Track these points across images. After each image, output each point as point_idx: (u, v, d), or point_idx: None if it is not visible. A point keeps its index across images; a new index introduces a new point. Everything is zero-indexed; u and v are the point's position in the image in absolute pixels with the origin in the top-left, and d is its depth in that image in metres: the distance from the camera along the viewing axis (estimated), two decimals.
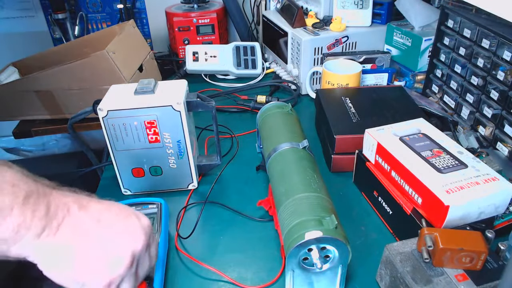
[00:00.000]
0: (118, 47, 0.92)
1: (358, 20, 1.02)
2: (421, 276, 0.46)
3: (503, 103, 0.71)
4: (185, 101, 0.64)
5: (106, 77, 0.91)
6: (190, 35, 1.21)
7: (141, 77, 1.00)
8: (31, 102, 0.98)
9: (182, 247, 0.61)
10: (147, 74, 1.04)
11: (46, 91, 0.95)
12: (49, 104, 0.98)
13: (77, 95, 0.95)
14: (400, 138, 0.61)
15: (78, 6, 1.32)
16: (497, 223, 0.56)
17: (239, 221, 0.65)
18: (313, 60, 1.00)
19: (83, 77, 0.92)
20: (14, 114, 1.01)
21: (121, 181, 0.70)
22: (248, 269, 0.57)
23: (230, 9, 1.27)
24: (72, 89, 0.94)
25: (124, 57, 0.93)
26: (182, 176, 0.70)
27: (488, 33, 0.72)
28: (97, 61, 0.89)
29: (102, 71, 0.90)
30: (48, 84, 0.94)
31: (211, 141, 0.86)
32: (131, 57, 0.99)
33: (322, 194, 0.52)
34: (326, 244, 0.46)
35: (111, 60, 0.89)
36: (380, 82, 0.98)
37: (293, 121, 0.68)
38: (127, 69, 0.94)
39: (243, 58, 1.13)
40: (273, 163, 0.60)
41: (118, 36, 0.95)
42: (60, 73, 0.92)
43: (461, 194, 0.50)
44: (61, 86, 0.94)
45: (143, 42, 1.07)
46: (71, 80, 0.93)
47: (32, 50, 1.14)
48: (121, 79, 0.91)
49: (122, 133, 0.64)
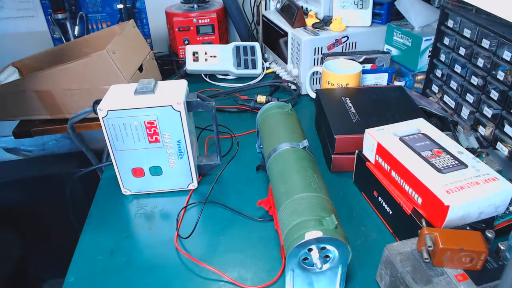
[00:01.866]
0: (118, 47, 0.92)
1: (358, 20, 1.02)
2: (421, 276, 0.46)
3: (503, 103, 0.71)
4: (185, 101, 0.64)
5: (106, 77, 0.91)
6: (190, 35, 1.21)
7: (141, 77, 1.00)
8: (31, 102, 0.98)
9: (182, 247, 0.61)
10: (147, 74, 1.04)
11: (46, 91, 0.95)
12: (49, 104, 0.98)
13: (77, 95, 0.95)
14: (400, 138, 0.61)
15: (78, 6, 1.32)
16: (497, 223, 0.56)
17: (239, 221, 0.65)
18: (313, 60, 1.00)
19: (83, 77, 0.92)
20: (14, 114, 1.01)
21: (121, 181, 0.70)
22: (248, 269, 0.57)
23: (230, 9, 1.27)
24: (72, 89, 0.95)
25: (124, 57, 0.93)
26: (182, 176, 0.70)
27: (488, 33, 0.72)
28: (97, 61, 0.89)
29: (102, 71, 0.90)
30: (48, 84, 0.94)
31: (211, 141, 0.86)
32: (131, 57, 0.99)
33: (322, 194, 0.52)
34: (326, 244, 0.46)
35: (111, 60, 0.89)
36: (380, 82, 0.98)
37: (293, 121, 0.68)
38: (127, 69, 0.94)
39: (243, 58, 1.13)
40: (273, 163, 0.60)
41: (118, 36, 0.95)
42: (60, 73, 0.92)
43: (461, 194, 0.50)
44: (61, 86, 0.94)
45: (143, 42, 1.07)
46: (71, 80, 0.93)
47: (32, 50, 1.14)
48: (121, 79, 0.91)
49: (122, 133, 0.64)
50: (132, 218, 0.67)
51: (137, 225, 0.65)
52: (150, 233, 0.64)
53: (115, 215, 0.68)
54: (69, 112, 0.99)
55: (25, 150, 1.54)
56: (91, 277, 0.56)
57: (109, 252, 0.60)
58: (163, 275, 0.56)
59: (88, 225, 0.66)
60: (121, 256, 0.60)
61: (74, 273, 0.57)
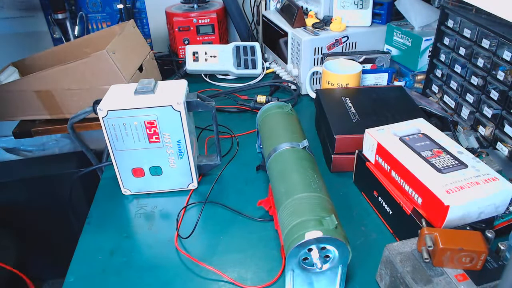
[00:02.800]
0: (118, 47, 0.92)
1: (358, 20, 1.02)
2: (421, 276, 0.46)
3: (503, 103, 0.71)
4: (185, 101, 0.64)
5: (106, 77, 0.91)
6: (190, 35, 1.21)
7: (141, 77, 1.00)
8: (31, 102, 0.98)
9: (182, 247, 0.61)
10: (147, 74, 1.04)
11: (46, 91, 0.96)
12: (49, 104, 0.98)
13: (77, 95, 0.95)
14: (400, 138, 0.61)
15: (78, 6, 1.32)
16: (497, 223, 0.56)
17: (239, 221, 0.65)
18: (313, 60, 1.00)
19: (83, 77, 0.92)
20: (13, 114, 1.01)
21: (121, 181, 0.70)
22: (248, 269, 0.57)
23: (230, 9, 1.27)
24: (72, 89, 0.95)
25: (124, 57, 0.93)
26: (182, 176, 0.70)
27: (488, 33, 0.72)
28: (97, 61, 0.89)
29: (102, 71, 0.90)
30: (48, 84, 0.94)
31: (211, 141, 0.86)
32: (131, 57, 0.99)
33: (322, 194, 0.52)
34: (326, 244, 0.46)
35: (111, 60, 0.89)
36: (380, 82, 0.98)
37: (293, 121, 0.68)
38: (127, 69, 0.94)
39: (243, 58, 1.13)
40: (273, 163, 0.60)
41: (118, 36, 0.95)
42: (60, 73, 0.92)
43: (461, 194, 0.50)
44: (61, 86, 0.94)
45: (143, 42, 1.07)
46: (71, 80, 0.93)
47: (32, 50, 1.15)
48: (121, 79, 0.91)
49: (122, 133, 0.64)
50: (132, 218, 0.67)
51: (137, 225, 0.65)
52: (150, 233, 0.64)
53: (115, 215, 0.68)
54: (69, 112, 0.99)
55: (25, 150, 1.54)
56: (91, 277, 0.56)
57: (109, 252, 0.60)
58: (163, 275, 0.56)
59: (88, 225, 0.66)
60: (121, 256, 0.60)
61: (74, 273, 0.57)
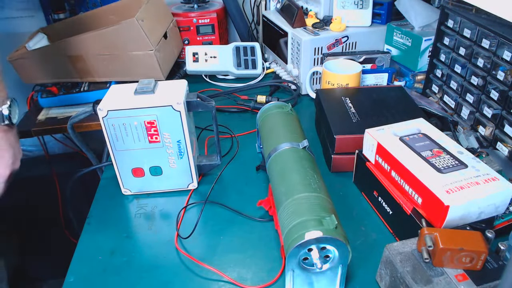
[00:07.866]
0: (146, 15, 0.97)
1: (358, 20, 1.02)
2: (421, 276, 0.46)
3: (503, 103, 0.71)
4: (185, 101, 0.64)
5: (135, 44, 0.96)
6: (190, 35, 1.21)
7: (166, 43, 1.06)
8: (63, 66, 1.03)
9: (182, 247, 0.61)
10: (171, 40, 1.10)
11: (78, 55, 1.00)
12: (80, 68, 1.03)
13: (107, 60, 1.00)
14: (400, 138, 0.61)
15: (78, 6, 1.32)
16: (497, 223, 0.56)
17: (239, 221, 0.65)
18: (313, 60, 1.00)
19: (113, 43, 0.97)
20: (46, 77, 1.06)
21: (121, 181, 0.70)
22: (248, 269, 0.57)
23: (230, 9, 1.27)
24: (103, 54, 0.99)
25: (151, 24, 0.98)
26: (182, 176, 0.70)
27: (488, 33, 0.72)
28: (127, 28, 0.94)
29: (131, 38, 0.95)
30: (80, 49, 0.99)
31: (211, 141, 0.86)
32: (157, 24, 1.04)
33: (322, 194, 0.52)
34: (326, 244, 0.46)
35: (140, 28, 0.93)
36: (380, 82, 0.98)
37: (293, 121, 0.68)
38: (154, 36, 0.99)
39: (243, 58, 1.13)
40: (273, 163, 0.60)
41: (146, 5, 1.00)
42: (92, 39, 0.97)
43: (461, 194, 0.50)
44: (93, 51, 0.99)
45: (167, 10, 1.13)
46: (102, 46, 0.98)
47: None
48: (148, 46, 0.96)
49: (122, 133, 0.64)
50: (132, 218, 0.67)
51: (137, 225, 0.65)
52: (150, 233, 0.64)
53: (115, 215, 0.68)
54: (99, 76, 1.03)
55: (25, 150, 1.54)
56: (91, 277, 0.56)
57: (109, 252, 0.60)
58: (163, 275, 0.56)
59: (88, 225, 0.66)
60: (121, 256, 0.60)
61: (74, 273, 0.57)
